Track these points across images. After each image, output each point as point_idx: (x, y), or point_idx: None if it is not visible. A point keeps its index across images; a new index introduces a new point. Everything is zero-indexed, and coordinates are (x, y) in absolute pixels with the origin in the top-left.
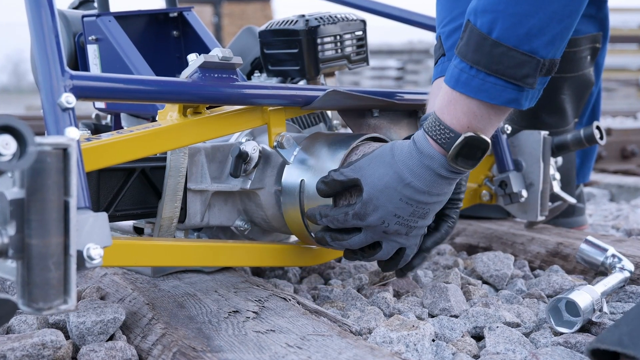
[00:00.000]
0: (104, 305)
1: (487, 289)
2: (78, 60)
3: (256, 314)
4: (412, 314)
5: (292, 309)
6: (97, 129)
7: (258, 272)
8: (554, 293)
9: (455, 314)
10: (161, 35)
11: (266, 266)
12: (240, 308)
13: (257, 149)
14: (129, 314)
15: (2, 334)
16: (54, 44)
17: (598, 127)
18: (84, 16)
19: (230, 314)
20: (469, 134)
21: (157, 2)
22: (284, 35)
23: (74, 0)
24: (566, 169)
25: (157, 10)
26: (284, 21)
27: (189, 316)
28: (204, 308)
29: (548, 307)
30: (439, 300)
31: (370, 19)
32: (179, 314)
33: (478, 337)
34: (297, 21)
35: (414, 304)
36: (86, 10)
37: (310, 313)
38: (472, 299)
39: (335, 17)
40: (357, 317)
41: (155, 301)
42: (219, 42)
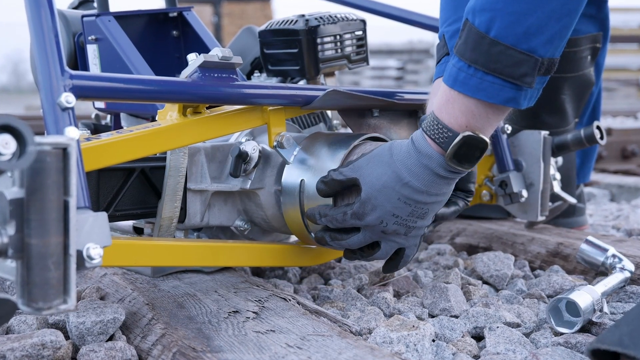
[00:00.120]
0: (103, 305)
1: (487, 289)
2: (78, 60)
3: (256, 314)
4: (412, 314)
5: (292, 309)
6: (96, 128)
7: (258, 272)
8: (555, 293)
9: (455, 314)
10: (161, 35)
11: (266, 266)
12: (240, 308)
13: (257, 148)
14: (128, 314)
15: (1, 334)
16: (53, 44)
17: (598, 127)
18: (83, 16)
19: (230, 314)
20: (467, 133)
21: (157, 2)
22: (284, 35)
23: (74, 0)
24: (566, 169)
25: (156, 10)
26: (284, 21)
27: (189, 316)
28: (204, 308)
29: (548, 307)
30: (439, 301)
31: (370, 18)
32: (178, 314)
33: (478, 338)
34: (297, 21)
35: (414, 304)
36: (86, 10)
37: (310, 313)
38: (472, 299)
39: (335, 17)
40: (357, 318)
41: (155, 301)
42: (218, 41)
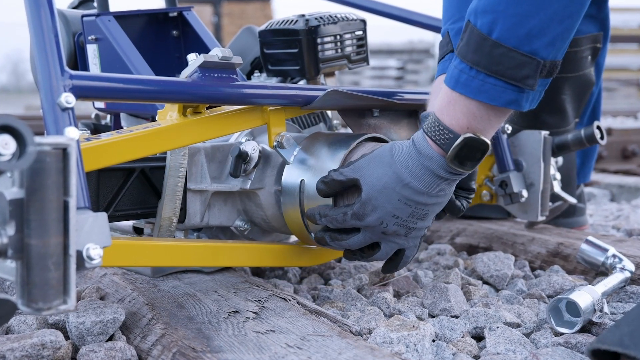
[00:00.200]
0: (103, 305)
1: (487, 289)
2: (77, 60)
3: (256, 314)
4: (413, 314)
5: (292, 309)
6: (96, 128)
7: (258, 272)
8: (555, 293)
9: (455, 314)
10: (161, 35)
11: (266, 266)
12: (240, 308)
13: (257, 148)
14: (128, 314)
15: (1, 334)
16: (53, 44)
17: (599, 127)
18: (83, 16)
19: (230, 314)
20: (468, 135)
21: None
22: (284, 35)
23: (74, 0)
24: (567, 169)
25: (156, 10)
26: (284, 21)
27: (189, 316)
28: (204, 308)
29: (548, 307)
30: (439, 301)
31: (370, 18)
32: (178, 314)
33: (478, 338)
34: (297, 21)
35: (414, 304)
36: (86, 10)
37: (310, 313)
38: (472, 299)
39: (335, 16)
40: (357, 318)
41: (155, 301)
42: (218, 41)
